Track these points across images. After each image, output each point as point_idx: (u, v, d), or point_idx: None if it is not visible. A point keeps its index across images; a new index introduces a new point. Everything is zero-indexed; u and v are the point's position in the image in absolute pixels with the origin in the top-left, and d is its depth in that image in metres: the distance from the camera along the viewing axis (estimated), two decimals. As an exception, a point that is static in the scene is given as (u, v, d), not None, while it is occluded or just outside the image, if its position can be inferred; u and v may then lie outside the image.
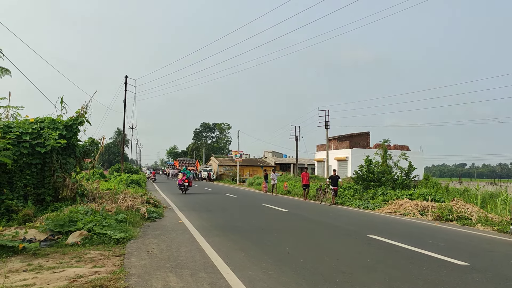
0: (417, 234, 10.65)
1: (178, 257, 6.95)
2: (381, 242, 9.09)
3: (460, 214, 13.99)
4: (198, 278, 5.65)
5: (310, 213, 15.55)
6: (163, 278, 5.61)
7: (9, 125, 11.54)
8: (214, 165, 67.57)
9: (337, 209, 17.89)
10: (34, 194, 11.75)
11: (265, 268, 6.33)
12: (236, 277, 5.71)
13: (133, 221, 10.54)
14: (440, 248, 8.53)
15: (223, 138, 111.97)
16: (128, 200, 12.75)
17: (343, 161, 50.52)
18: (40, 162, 11.75)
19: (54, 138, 11.30)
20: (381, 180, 23.85)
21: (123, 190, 15.99)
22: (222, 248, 7.81)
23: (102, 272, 5.96)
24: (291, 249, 7.92)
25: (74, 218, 9.29)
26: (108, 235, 8.36)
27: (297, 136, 51.02)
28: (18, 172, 11.47)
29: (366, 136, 55.53)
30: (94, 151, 13.96)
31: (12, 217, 10.50)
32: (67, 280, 5.53)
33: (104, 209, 10.47)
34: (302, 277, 5.82)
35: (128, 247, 7.80)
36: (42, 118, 12.28)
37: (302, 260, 6.99)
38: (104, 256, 7.04)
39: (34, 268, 6.29)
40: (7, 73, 8.76)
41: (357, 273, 6.15)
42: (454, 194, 21.88)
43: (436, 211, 14.71)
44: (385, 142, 29.59)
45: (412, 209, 15.77)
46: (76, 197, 12.65)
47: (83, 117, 12.60)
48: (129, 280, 5.43)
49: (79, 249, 7.62)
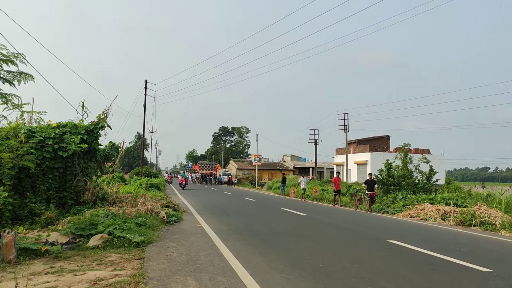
0: (438, 239, 10.43)
1: (197, 261, 6.97)
2: (401, 247, 8.93)
3: (483, 219, 13.65)
4: (216, 282, 5.65)
5: (329, 218, 15.41)
6: (182, 281, 5.63)
7: (32, 130, 11.82)
8: (233, 169, 67.75)
9: (359, 214, 17.68)
10: (56, 198, 11.98)
11: (284, 272, 6.29)
12: (254, 281, 5.69)
13: (153, 224, 10.63)
14: (463, 253, 8.33)
15: (241, 142, 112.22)
16: (147, 203, 12.89)
17: (362, 165, 49.98)
18: (62, 166, 11.99)
19: (75, 142, 11.51)
20: (401, 184, 23.48)
21: (142, 194, 16.16)
22: (240, 252, 7.80)
23: (122, 275, 6.03)
24: (309, 254, 7.86)
25: (95, 221, 9.44)
26: (128, 238, 8.46)
27: (316, 140, 50.75)
28: (41, 176, 11.72)
29: (386, 140, 54.83)
30: (114, 155, 14.17)
31: (35, 220, 10.72)
32: (88, 283, 5.61)
33: (124, 213, 10.60)
34: (321, 283, 5.76)
35: (148, 250, 7.87)
36: (64, 122, 12.53)
37: (321, 265, 6.92)
38: (124, 259, 7.12)
39: (56, 270, 6.40)
40: (31, 79, 8.97)
41: (377, 279, 6.05)
42: (477, 198, 21.36)
43: (459, 216, 14.39)
44: (405, 145, 29.15)
45: (433, 214, 15.47)
46: (97, 201, 12.86)
47: (104, 122, 12.81)
48: (149, 284, 5.47)
49: (100, 252, 7.72)
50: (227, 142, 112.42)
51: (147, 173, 43.02)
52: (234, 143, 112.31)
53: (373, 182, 19.03)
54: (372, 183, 18.91)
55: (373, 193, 18.84)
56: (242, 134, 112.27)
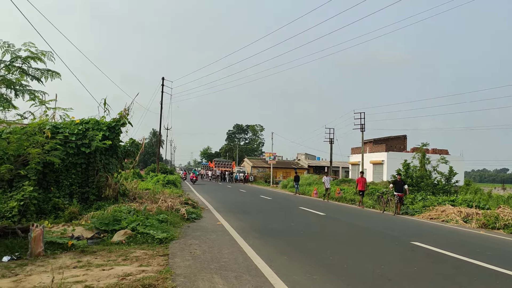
0: (462, 242, 10.27)
1: (221, 259, 6.99)
2: (426, 249, 8.81)
3: (507, 222, 13.39)
4: (243, 280, 5.65)
5: (348, 217, 15.31)
6: (208, 279, 5.66)
7: (56, 126, 12.00)
8: (247, 167, 67.85)
9: (382, 216, 17.53)
10: (79, 193, 12.15)
11: (309, 272, 6.26)
12: (281, 281, 5.68)
13: (174, 221, 10.71)
14: (489, 257, 8.18)
15: (256, 139, 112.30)
16: (168, 200, 12.99)
17: (378, 165, 49.56)
18: (85, 162, 12.15)
19: (98, 139, 11.65)
20: (420, 184, 23.22)
21: (161, 191, 16.30)
22: (263, 251, 7.80)
23: (149, 271, 6.08)
24: (332, 254, 7.81)
25: (118, 217, 9.55)
26: (151, 235, 8.53)
27: (331, 139, 50.50)
28: (64, 172, 11.90)
29: (402, 140, 54.25)
30: (135, 152, 14.31)
31: (59, 215, 10.89)
32: (116, 278, 5.67)
33: (145, 209, 10.70)
34: (348, 284, 5.72)
35: (171, 247, 7.92)
36: (87, 119, 12.69)
37: (346, 266, 6.88)
38: (148, 256, 7.18)
39: (84, 265, 6.50)
40: (58, 76, 9.09)
41: (404, 282, 5.98)
42: (498, 200, 21.02)
43: (481, 219, 14.14)
44: (423, 145, 28.79)
45: (455, 216, 15.23)
46: (118, 197, 13.01)
47: (125, 119, 12.93)
48: (176, 281, 5.50)
49: (124, 247, 7.81)
50: (241, 140, 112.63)
51: (162, 170, 43.36)
52: (248, 141, 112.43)
53: (402, 183, 18.07)
54: (401, 183, 17.95)
55: (401, 194, 17.69)
56: (256, 132, 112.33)
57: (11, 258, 6.97)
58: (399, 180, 18.20)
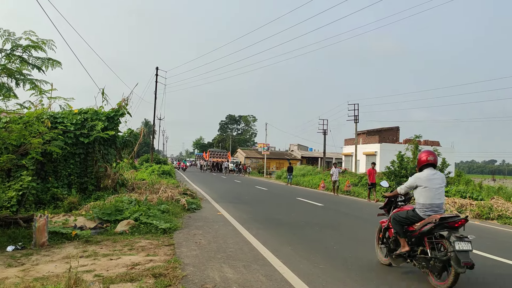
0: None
1: (227, 249, 7.04)
2: (425, 239, 8.94)
3: (501, 213, 13.63)
4: (252, 270, 5.71)
5: (345, 208, 15.45)
6: (218, 268, 5.70)
7: (55, 116, 11.89)
8: (240, 157, 67.90)
9: (369, 204, 17.71)
10: (78, 183, 12.09)
11: (315, 262, 6.34)
12: (289, 270, 5.74)
13: (175, 212, 10.73)
14: (489, 247, 8.33)
15: (248, 130, 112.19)
16: (167, 191, 12.98)
17: (371, 156, 49.87)
18: (83, 152, 12.08)
19: (99, 129, 11.56)
20: (414, 176, 23.43)
21: (159, 181, 16.28)
22: (267, 241, 7.86)
23: (157, 260, 6.11)
24: (336, 244, 7.91)
25: (120, 207, 9.55)
26: (155, 225, 8.55)
27: (325, 130, 50.65)
28: (62, 162, 11.83)
29: (395, 131, 54.62)
30: (133, 142, 14.25)
31: (58, 205, 10.85)
32: (125, 268, 5.69)
33: (147, 200, 10.69)
34: (355, 273, 5.80)
35: (175, 237, 7.95)
36: (86, 109, 12.58)
37: (350, 255, 6.97)
38: (154, 245, 7.21)
39: (90, 254, 6.50)
40: (58, 65, 8.99)
41: (412, 273, 6.07)
42: (489, 191, 21.33)
43: (475, 209, 14.35)
44: (416, 137, 29.01)
45: (449, 207, 15.42)
46: (116, 187, 12.98)
47: (124, 109, 12.85)
48: (186, 270, 5.53)
49: (129, 237, 7.82)
50: (233, 130, 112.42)
51: (156, 160, 43.23)
52: (241, 132, 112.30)
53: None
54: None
55: None
56: (249, 123, 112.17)
57: (15, 247, 6.96)
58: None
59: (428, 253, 5.33)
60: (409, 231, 5.71)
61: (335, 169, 23.99)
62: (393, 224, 5.88)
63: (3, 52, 8.22)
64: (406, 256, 5.72)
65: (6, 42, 8.25)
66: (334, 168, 24.31)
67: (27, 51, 8.47)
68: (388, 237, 6.21)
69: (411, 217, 5.65)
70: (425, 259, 5.36)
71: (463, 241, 5.10)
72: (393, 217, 5.92)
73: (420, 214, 5.58)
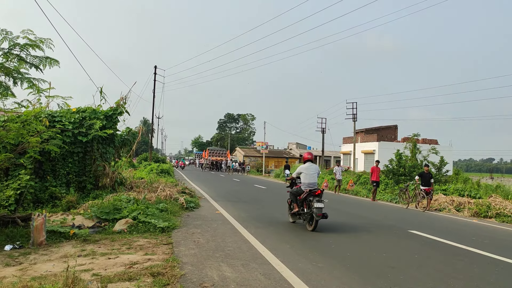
0: (458, 231, 10.47)
1: (225, 248, 7.04)
2: (424, 238, 8.97)
3: (499, 211, 13.66)
4: (250, 268, 5.71)
5: (344, 206, 15.47)
6: (216, 267, 5.70)
7: (52, 114, 11.86)
8: (239, 156, 67.89)
9: (372, 204, 17.71)
10: (76, 182, 12.08)
11: (314, 261, 6.34)
12: (287, 269, 5.74)
13: (173, 210, 10.72)
14: (486, 245, 8.36)
15: (247, 129, 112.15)
16: (166, 190, 12.97)
17: (369, 154, 49.90)
18: (82, 150, 12.06)
19: (97, 128, 11.54)
20: (412, 174, 23.44)
21: (158, 180, 16.27)
22: (266, 239, 7.86)
23: (155, 259, 6.10)
24: (334, 243, 7.91)
25: (118, 206, 9.54)
26: (153, 223, 8.54)
27: (323, 128, 50.67)
28: (61, 160, 11.81)
29: (393, 130, 54.69)
30: (131, 141, 14.22)
31: (56, 204, 10.84)
32: (123, 267, 5.68)
33: (145, 198, 10.69)
34: (354, 271, 5.81)
35: (174, 236, 7.94)
36: (84, 108, 12.56)
37: (349, 254, 6.98)
38: (152, 244, 7.20)
39: (88, 253, 6.50)
40: (56, 64, 8.96)
41: (407, 269, 6.10)
42: (487, 190, 21.37)
43: (474, 207, 14.39)
44: (414, 136, 29.04)
45: (447, 205, 15.48)
46: (115, 186, 12.96)
47: (122, 108, 12.82)
48: (184, 269, 5.53)
49: (127, 236, 7.81)
50: (232, 129, 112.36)
51: (155, 159, 43.19)
52: (239, 130, 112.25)
53: (430, 175, 15.73)
54: (428, 176, 15.63)
55: (429, 188, 15.36)
56: (247, 121, 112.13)
57: (13, 247, 6.94)
58: (427, 172, 15.84)
59: (305, 210, 9.39)
60: (298, 199, 9.60)
61: (338, 168, 23.89)
62: (290, 195, 10.01)
63: (1, 50, 8.19)
64: (297, 213, 9.70)
65: (3, 41, 8.23)
66: (337, 167, 24.21)
67: (25, 49, 8.44)
68: (290, 204, 10.26)
69: (299, 190, 9.66)
70: (304, 214, 9.44)
71: (319, 202, 8.94)
72: (290, 192, 9.98)
73: (303, 188, 9.57)
